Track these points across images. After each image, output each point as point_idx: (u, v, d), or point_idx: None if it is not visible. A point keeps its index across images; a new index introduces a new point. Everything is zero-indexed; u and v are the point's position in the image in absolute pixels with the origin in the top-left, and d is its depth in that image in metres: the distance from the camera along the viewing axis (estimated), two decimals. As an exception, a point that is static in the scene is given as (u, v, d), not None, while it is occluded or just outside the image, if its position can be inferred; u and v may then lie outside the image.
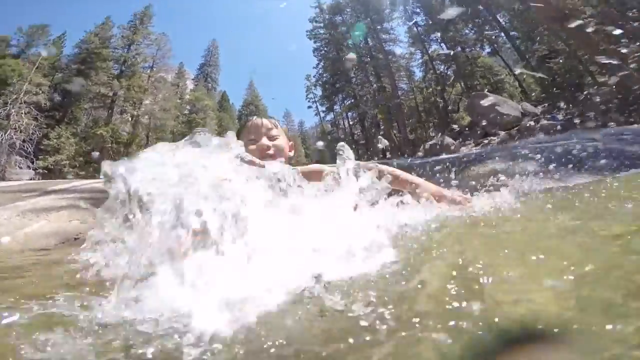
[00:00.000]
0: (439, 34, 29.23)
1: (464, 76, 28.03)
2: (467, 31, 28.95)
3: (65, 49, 31.49)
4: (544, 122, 19.07)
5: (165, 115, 30.93)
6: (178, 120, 33.20)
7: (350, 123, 35.55)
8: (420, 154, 23.45)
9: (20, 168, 25.31)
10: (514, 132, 19.85)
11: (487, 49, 29.69)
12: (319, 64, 34.71)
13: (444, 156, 13.41)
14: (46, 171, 25.48)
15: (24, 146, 25.40)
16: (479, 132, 22.93)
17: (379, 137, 27.60)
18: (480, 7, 25.75)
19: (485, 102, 22.02)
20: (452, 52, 28.20)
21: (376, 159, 28.17)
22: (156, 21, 34.24)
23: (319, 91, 37.08)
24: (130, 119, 29.72)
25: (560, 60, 22.73)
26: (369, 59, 31.04)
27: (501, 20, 25.60)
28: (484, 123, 21.98)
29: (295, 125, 55.50)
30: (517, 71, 26.73)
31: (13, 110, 25.23)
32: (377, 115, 30.65)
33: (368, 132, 32.73)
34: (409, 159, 20.22)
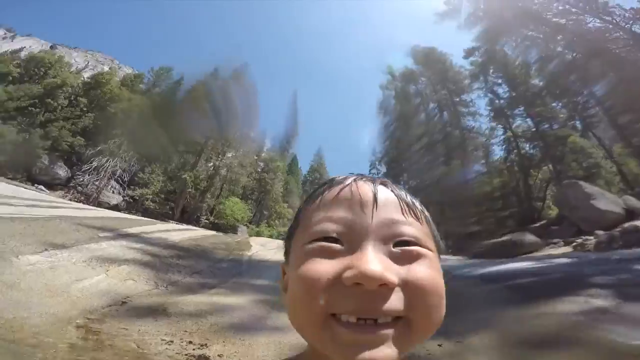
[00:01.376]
0: (522, 108, 26.63)
1: (553, 158, 24.99)
2: (555, 104, 26.09)
3: (180, 93, 35.95)
4: (659, 225, 15.94)
5: (241, 170, 32.96)
6: (251, 177, 35.04)
7: (411, 207, 33.09)
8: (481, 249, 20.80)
9: (113, 193, 28.82)
10: (617, 234, 16.86)
11: (579, 126, 26.26)
12: (386, 140, 33.90)
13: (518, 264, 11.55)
14: (131, 200, 28.41)
15: (122, 175, 29.00)
16: (571, 228, 19.98)
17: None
18: (572, 78, 23.45)
19: (577, 194, 19.54)
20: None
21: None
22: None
23: (383, 168, 35.80)
24: (211, 168, 32.30)
25: None
26: (441, 137, 29.33)
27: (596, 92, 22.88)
28: (578, 218, 19.25)
29: (356, 198, 54.93)
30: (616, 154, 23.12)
31: (125, 142, 29.01)
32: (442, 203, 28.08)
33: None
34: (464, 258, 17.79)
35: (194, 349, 2.84)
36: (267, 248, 9.07)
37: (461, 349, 2.91)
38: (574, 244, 18.24)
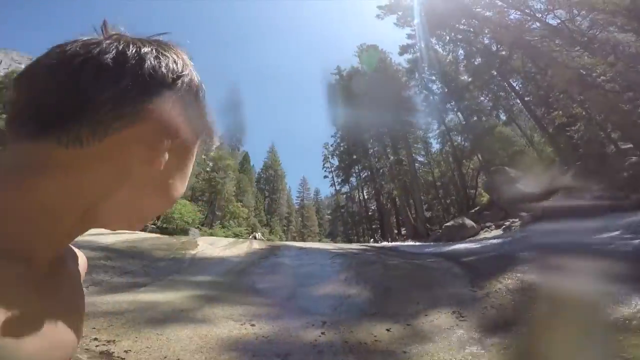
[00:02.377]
0: (453, 103, 28.53)
1: (482, 148, 27.06)
2: (482, 98, 28.18)
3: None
4: (572, 202, 17.76)
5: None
6: (199, 177, 33.42)
7: (366, 197, 34.57)
8: (437, 233, 22.03)
9: None
10: (539, 213, 18.54)
11: (503, 117, 28.67)
12: (337, 132, 34.75)
13: (463, 245, 12.22)
14: None
15: None
16: (500, 213, 21.64)
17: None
18: (494, 72, 25.30)
19: (504, 179, 21.11)
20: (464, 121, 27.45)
21: (389, 238, 26.74)
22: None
23: (336, 161, 36.60)
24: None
25: (581, 128, 20.03)
26: (386, 130, 30.85)
27: (515, 85, 25.00)
28: (505, 202, 20.87)
29: (310, 194, 55.16)
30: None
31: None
32: (393, 191, 29.71)
33: (383, 207, 31.55)
34: (420, 243, 18.75)
35: (97, 346, 2.23)
36: (215, 246, 8.31)
37: (410, 332, 2.70)
38: (503, 226, 19.87)
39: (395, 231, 29.53)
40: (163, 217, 27.48)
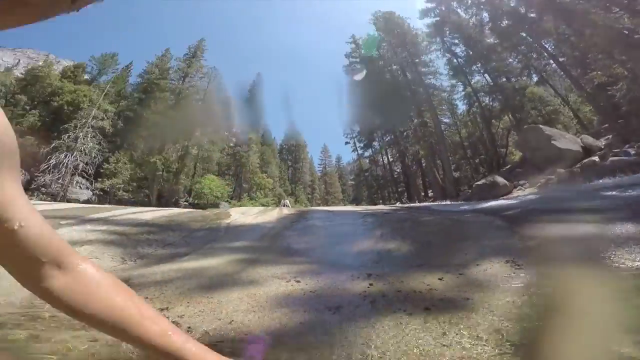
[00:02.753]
0: (479, 65, 27.78)
1: (513, 108, 26.05)
2: (511, 60, 27.25)
3: (131, 77, 34.22)
4: (613, 158, 16.63)
5: (212, 147, 32.11)
6: (224, 153, 34.24)
7: (390, 160, 34.19)
8: (467, 193, 21.54)
9: (81, 188, 27.15)
10: (576, 170, 17.52)
11: (535, 78, 27.66)
12: (356, 98, 34.33)
13: (499, 202, 11.76)
14: (102, 193, 26.99)
15: (86, 168, 27.28)
16: (533, 170, 20.69)
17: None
18: (523, 34, 24.25)
19: (539, 136, 20.07)
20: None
21: (416, 200, 26.52)
22: (209, 55, 36.53)
23: (356, 126, 36.45)
24: (180, 149, 31.05)
25: (624, 87, 19.77)
26: (408, 94, 30.09)
27: (547, 47, 23.82)
28: (539, 159, 19.89)
29: (332, 161, 55.12)
30: (572, 100, 24.49)
31: (81, 134, 27.37)
32: (419, 152, 29.13)
33: (409, 169, 31.12)
34: (451, 202, 18.41)
35: None
36: (246, 215, 8.51)
37: (465, 280, 2.61)
38: (538, 184, 18.94)
39: (422, 193, 29.18)
40: (194, 193, 28.58)
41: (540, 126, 21.16)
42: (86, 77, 33.27)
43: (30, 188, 25.72)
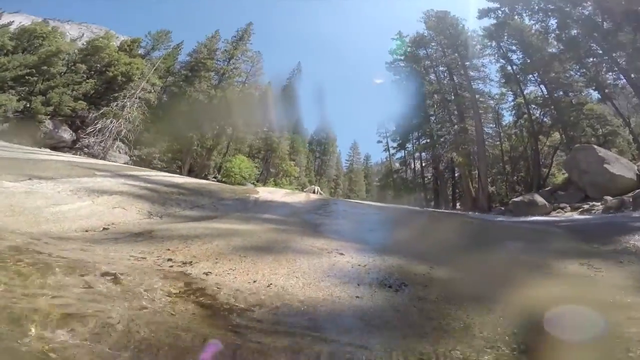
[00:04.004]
0: (536, 74, 25.75)
1: (565, 124, 24.03)
2: (572, 72, 25.03)
3: (180, 56, 35.34)
4: (674, 191, 14.90)
5: (247, 129, 32.52)
6: (257, 136, 34.65)
7: (423, 165, 32.90)
8: (500, 209, 20.24)
9: (120, 153, 28.50)
10: (628, 199, 15.86)
11: (597, 95, 25.27)
12: (396, 97, 33.27)
13: (537, 218, 10.76)
14: (138, 159, 28.18)
15: (128, 135, 28.61)
16: (577, 194, 19.01)
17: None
18: (593, 45, 22.11)
19: (590, 158, 18.41)
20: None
21: (443, 207, 25.35)
22: (254, 40, 36.81)
23: (391, 126, 35.33)
24: (216, 127, 31.67)
25: None
26: (452, 97, 28.63)
27: (619, 61, 21.60)
28: (586, 183, 18.27)
29: (360, 159, 54.19)
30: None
31: (128, 103, 28.71)
32: (453, 160, 27.73)
33: (440, 177, 29.78)
34: (494, 214, 17.26)
35: (171, 266, 1.99)
36: (274, 194, 8.23)
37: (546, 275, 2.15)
38: (581, 209, 17.33)
39: (451, 204, 27.92)
40: (224, 170, 29.07)
41: (595, 146, 19.40)
42: (140, 51, 34.75)
43: (74, 147, 27.29)
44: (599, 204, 16.75)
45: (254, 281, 1.69)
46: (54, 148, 26.04)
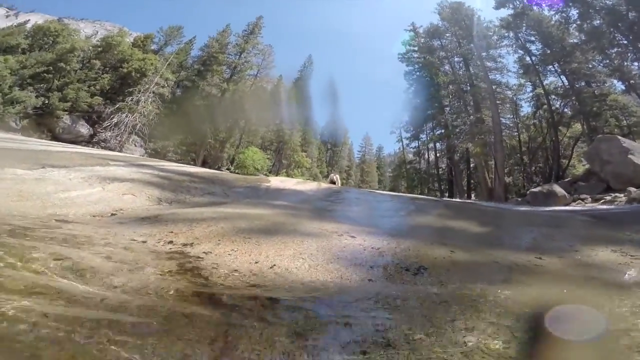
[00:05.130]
0: (556, 65, 24.71)
1: (587, 115, 23.02)
2: (595, 63, 23.90)
3: (193, 51, 35.60)
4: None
5: (259, 121, 32.59)
6: (269, 128, 34.66)
7: (437, 155, 32.17)
8: (517, 200, 19.61)
9: (135, 146, 29.02)
10: (656, 191, 15.07)
11: (620, 86, 24.15)
12: (409, 88, 32.45)
13: (558, 208, 10.30)
14: (153, 152, 28.66)
15: (143, 129, 29.08)
16: (599, 185, 18.21)
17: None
18: (617, 35, 21.02)
19: (613, 148, 17.59)
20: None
21: (458, 197, 24.79)
22: (265, 33, 36.59)
23: (405, 117, 34.73)
24: (230, 120, 31.82)
25: None
26: (468, 87, 27.76)
27: None
28: (609, 174, 17.47)
29: (373, 149, 53.50)
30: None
31: (143, 98, 29.12)
32: (469, 150, 26.99)
33: (456, 167, 29.06)
34: (515, 205, 16.81)
35: (171, 248, 1.87)
36: (285, 182, 8.11)
37: (571, 263, 1.92)
38: (603, 200, 16.58)
39: (466, 195, 27.28)
40: (237, 162, 29.32)
41: (619, 137, 18.51)
42: (153, 47, 35.12)
43: (91, 141, 27.97)
44: (622, 195, 15.96)
45: (256, 262, 1.54)
46: (72, 143, 26.75)
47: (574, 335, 0.90)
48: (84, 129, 28.53)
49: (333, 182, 13.78)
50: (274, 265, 1.50)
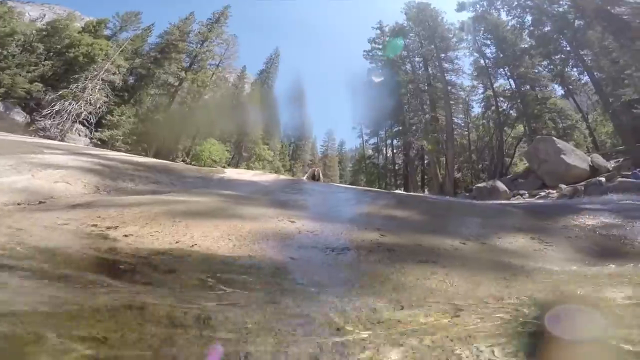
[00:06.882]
0: (507, 69, 26.66)
1: (529, 117, 25.17)
2: (541, 68, 26.06)
3: (150, 38, 33.52)
4: (621, 179, 15.98)
5: (218, 112, 31.50)
6: (229, 119, 33.63)
7: (394, 151, 33.38)
8: (464, 195, 21.00)
9: (79, 136, 26.80)
10: (580, 187, 16.85)
11: (561, 90, 26.62)
12: (372, 84, 33.29)
13: (496, 201, 11.21)
14: (100, 142, 26.69)
15: (88, 117, 26.98)
16: (536, 182, 20.03)
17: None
18: (563, 42, 23.02)
19: (549, 148, 19.40)
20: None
21: (412, 191, 26.00)
22: (231, 23, 35.33)
23: (367, 113, 35.49)
24: (187, 110, 30.45)
25: None
26: (426, 87, 29.04)
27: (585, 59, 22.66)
28: (544, 172, 19.24)
29: (335, 144, 54.28)
30: (591, 117, 23.66)
31: (90, 85, 26.98)
32: (423, 147, 28.36)
33: (411, 163, 30.40)
34: (457, 198, 17.88)
35: (92, 230, 1.73)
36: (242, 174, 7.91)
37: (492, 247, 2.09)
38: (538, 196, 18.29)
39: (420, 189, 28.64)
40: (193, 154, 28.11)
41: (554, 138, 20.39)
42: (107, 32, 32.69)
43: (28, 130, 25.50)
44: (555, 191, 17.72)
45: (176, 242, 1.47)
46: (6, 131, 24.20)
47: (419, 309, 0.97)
48: (19, 116, 26.19)
49: (314, 178, 11.51)
50: (195, 244, 1.45)
